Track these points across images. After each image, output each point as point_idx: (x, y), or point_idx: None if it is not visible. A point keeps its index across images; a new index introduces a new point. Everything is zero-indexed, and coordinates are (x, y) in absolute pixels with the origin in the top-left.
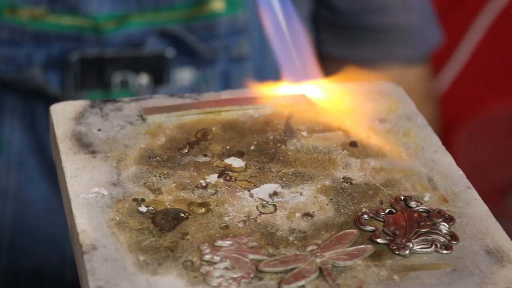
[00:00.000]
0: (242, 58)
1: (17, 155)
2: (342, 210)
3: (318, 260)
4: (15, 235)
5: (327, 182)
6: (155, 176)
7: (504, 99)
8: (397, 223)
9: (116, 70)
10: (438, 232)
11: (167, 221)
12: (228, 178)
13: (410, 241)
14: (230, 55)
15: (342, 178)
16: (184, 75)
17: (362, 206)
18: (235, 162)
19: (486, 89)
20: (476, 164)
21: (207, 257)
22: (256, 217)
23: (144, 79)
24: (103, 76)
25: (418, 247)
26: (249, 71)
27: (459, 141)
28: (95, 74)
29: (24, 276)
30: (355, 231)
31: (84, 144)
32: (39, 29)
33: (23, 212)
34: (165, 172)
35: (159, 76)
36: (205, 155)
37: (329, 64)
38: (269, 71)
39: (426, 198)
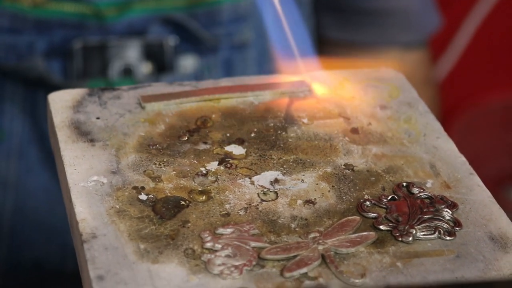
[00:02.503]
0: (244, 45)
1: (18, 144)
2: (344, 197)
3: (320, 247)
4: (15, 225)
5: (329, 169)
6: (155, 164)
7: (501, 90)
8: (400, 209)
9: (119, 58)
10: (441, 218)
11: (167, 209)
12: (228, 165)
13: (413, 228)
14: (233, 42)
15: (344, 165)
16: (187, 63)
17: (364, 193)
18: (236, 150)
19: (482, 80)
20: (472, 155)
21: (208, 245)
22: (258, 205)
23: (147, 67)
24: (105, 64)
25: (421, 233)
26: (251, 58)
27: (456, 132)
28: (97, 62)
29: (24, 266)
30: (357, 218)
31: (82, 133)
32: (40, 16)
33: (23, 202)
34: (165, 160)
35: (162, 64)
36: (205, 143)
37: (328, 48)
38: (271, 58)
39: (428, 185)
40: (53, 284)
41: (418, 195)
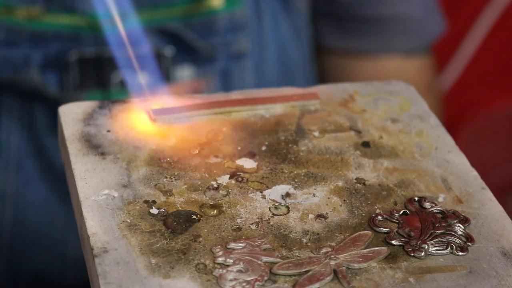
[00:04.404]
0: (241, 54)
1: (16, 157)
2: (356, 212)
3: (332, 262)
4: (14, 238)
5: (340, 183)
6: (166, 177)
7: (508, 98)
8: (412, 224)
9: (115, 70)
10: (453, 233)
11: (178, 223)
12: (239, 179)
13: (425, 243)
14: (230, 52)
15: (355, 179)
16: (184, 73)
17: (376, 207)
18: (247, 163)
19: (489, 88)
20: (479, 163)
21: (220, 259)
22: (269, 219)
23: (143, 78)
24: (102, 75)
25: (434, 248)
26: (248, 68)
27: (462, 140)
28: (94, 73)
29: (24, 277)
30: (369, 232)
31: (93, 146)
32: (36, 29)
33: (22, 214)
34: (176, 173)
35: (158, 75)
36: (216, 156)
37: (329, 56)
38: (268, 68)
39: (440, 199)
40: None
41: (430, 209)
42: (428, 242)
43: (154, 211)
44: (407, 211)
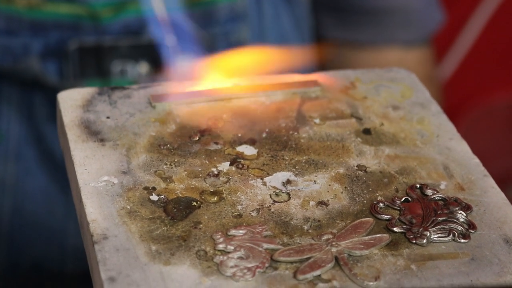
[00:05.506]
0: (241, 44)
1: (15, 146)
2: (357, 199)
3: (333, 249)
4: (13, 228)
5: (341, 170)
6: (166, 164)
7: (505, 90)
8: (414, 211)
9: (115, 59)
10: (455, 220)
11: (179, 210)
12: (240, 166)
13: (427, 230)
14: (229, 42)
15: (356, 166)
16: (184, 63)
17: (377, 194)
18: (247, 150)
19: (487, 80)
20: (477, 154)
21: (220, 246)
22: (270, 206)
23: (143, 67)
24: (102, 65)
25: (436, 236)
26: None
27: (460, 131)
28: (93, 63)
29: (23, 267)
30: (371, 219)
31: (92, 132)
32: (35, 18)
33: (22, 204)
34: (176, 160)
35: (159, 64)
36: (217, 143)
37: (330, 48)
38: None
39: (442, 186)
40: (53, 285)
41: (432, 197)
42: (430, 229)
43: (154, 197)
44: (409, 198)
